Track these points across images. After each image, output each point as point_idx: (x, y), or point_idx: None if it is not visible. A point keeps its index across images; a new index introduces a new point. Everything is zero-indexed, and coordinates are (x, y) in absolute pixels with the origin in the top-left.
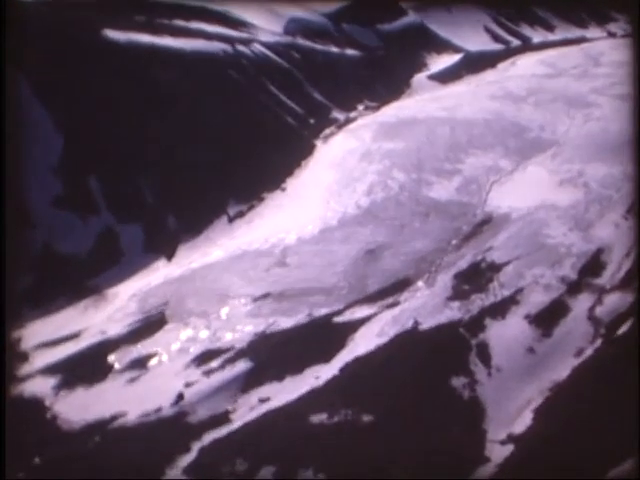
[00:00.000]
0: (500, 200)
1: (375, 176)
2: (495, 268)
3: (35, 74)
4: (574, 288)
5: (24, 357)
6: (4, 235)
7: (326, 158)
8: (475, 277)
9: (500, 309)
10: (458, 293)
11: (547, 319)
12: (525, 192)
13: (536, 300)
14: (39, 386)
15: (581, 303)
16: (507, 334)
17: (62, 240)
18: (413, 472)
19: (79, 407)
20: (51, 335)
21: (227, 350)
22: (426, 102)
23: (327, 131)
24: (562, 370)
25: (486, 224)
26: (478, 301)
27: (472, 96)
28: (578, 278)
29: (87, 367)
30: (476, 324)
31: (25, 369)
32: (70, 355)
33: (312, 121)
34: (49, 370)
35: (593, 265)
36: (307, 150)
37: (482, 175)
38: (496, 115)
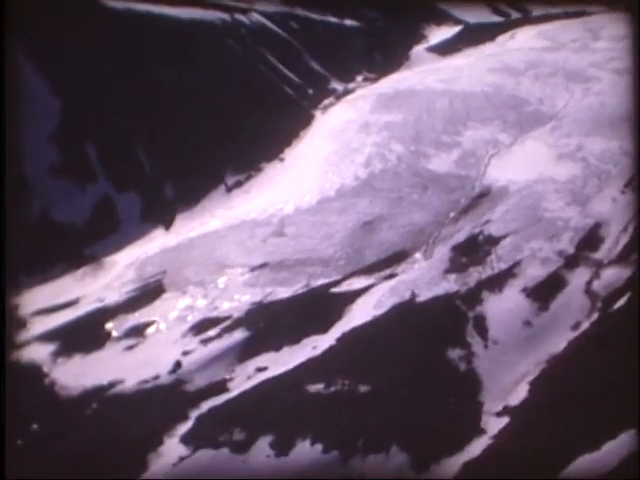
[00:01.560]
0: (498, 173)
1: (373, 148)
2: (493, 241)
3: (32, 40)
4: (571, 262)
5: (22, 324)
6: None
7: (324, 129)
8: (472, 250)
9: (497, 282)
10: (455, 265)
11: (544, 292)
12: (523, 166)
13: (533, 273)
14: (37, 353)
15: (578, 277)
16: (504, 307)
17: (59, 208)
18: (409, 442)
19: (77, 374)
20: (49, 302)
21: (225, 319)
22: (425, 74)
23: (326, 102)
24: (559, 343)
25: (484, 197)
26: (475, 274)
27: (471, 69)
28: (576, 252)
29: (85, 334)
30: (473, 297)
31: (23, 336)
32: (68, 322)
33: (310, 91)
34: (47, 337)
35: (591, 239)
36: (305, 120)
37: (480, 148)
38: (495, 88)
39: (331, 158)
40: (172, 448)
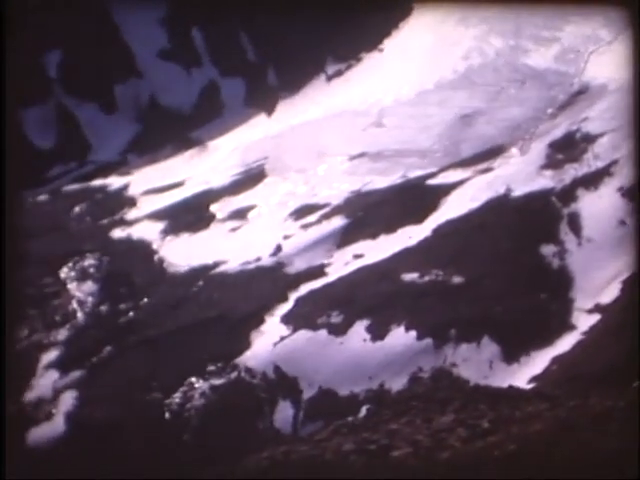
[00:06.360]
0: (598, 70)
1: (472, 41)
2: (590, 139)
3: None
4: None
5: (132, 202)
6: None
7: (424, 20)
8: (569, 147)
9: (593, 180)
10: (552, 162)
11: None
12: (624, 63)
13: (630, 173)
14: (147, 230)
15: None
16: (599, 205)
17: (167, 92)
18: (500, 334)
19: (184, 252)
20: (157, 182)
21: (324, 206)
22: None
23: None
24: None
25: (582, 94)
26: (571, 171)
27: None
28: None
29: (191, 215)
30: (568, 194)
31: (133, 214)
32: (176, 202)
33: None
34: (156, 215)
35: None
36: (405, 11)
37: (581, 44)
38: None
39: (430, 50)
40: (273, 327)
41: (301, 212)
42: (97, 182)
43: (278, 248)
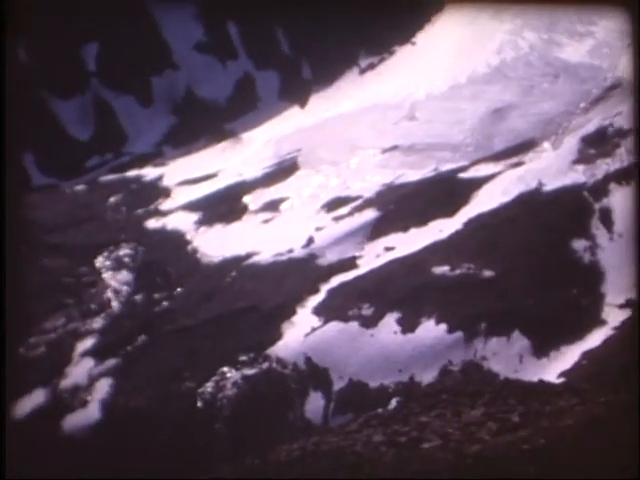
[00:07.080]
0: None
1: (506, 35)
2: (623, 134)
3: None
4: None
5: (166, 193)
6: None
7: (457, 14)
8: (602, 142)
9: (625, 175)
10: (584, 157)
11: None
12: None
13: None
14: (181, 221)
15: None
16: (631, 200)
17: (203, 84)
18: (531, 329)
19: (217, 243)
20: (192, 174)
21: (356, 198)
22: None
23: None
24: None
25: (616, 89)
26: (604, 166)
27: None
28: None
29: (224, 206)
30: (600, 188)
31: (168, 204)
32: (209, 194)
33: None
34: (190, 206)
35: None
36: (438, 5)
37: (615, 38)
38: None
39: (463, 44)
40: (305, 318)
41: (333, 204)
42: (133, 173)
43: (310, 240)
